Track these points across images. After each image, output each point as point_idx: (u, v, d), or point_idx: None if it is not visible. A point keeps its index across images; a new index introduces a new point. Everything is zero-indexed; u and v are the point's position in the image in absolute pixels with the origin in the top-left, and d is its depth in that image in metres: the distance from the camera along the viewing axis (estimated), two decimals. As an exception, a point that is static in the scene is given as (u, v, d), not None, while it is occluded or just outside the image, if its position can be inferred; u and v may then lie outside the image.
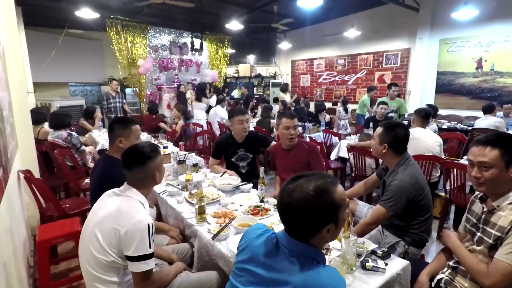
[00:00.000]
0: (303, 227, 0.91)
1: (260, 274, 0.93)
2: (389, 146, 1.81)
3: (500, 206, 1.24)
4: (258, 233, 1.03)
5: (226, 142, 2.77)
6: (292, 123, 2.38)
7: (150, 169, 1.42)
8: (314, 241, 0.93)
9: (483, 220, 1.30)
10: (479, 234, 1.30)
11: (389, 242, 1.83)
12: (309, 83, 9.90)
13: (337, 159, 4.33)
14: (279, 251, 0.94)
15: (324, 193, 0.89)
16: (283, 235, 0.96)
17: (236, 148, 2.75)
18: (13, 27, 2.75)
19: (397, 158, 1.82)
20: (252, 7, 6.98)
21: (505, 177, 1.21)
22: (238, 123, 2.64)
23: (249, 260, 0.97)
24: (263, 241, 0.99)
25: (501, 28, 5.84)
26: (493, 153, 1.21)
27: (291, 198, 0.90)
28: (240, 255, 1.03)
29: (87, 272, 1.29)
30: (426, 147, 3.17)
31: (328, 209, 0.89)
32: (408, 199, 1.68)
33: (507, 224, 1.18)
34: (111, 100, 6.33)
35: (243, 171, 2.77)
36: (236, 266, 1.02)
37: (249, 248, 1.00)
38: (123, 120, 1.98)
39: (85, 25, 7.01)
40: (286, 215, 0.93)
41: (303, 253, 0.91)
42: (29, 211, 2.84)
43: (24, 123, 2.83)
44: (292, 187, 0.92)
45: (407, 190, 1.68)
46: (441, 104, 6.46)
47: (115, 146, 1.90)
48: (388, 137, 1.81)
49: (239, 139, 2.74)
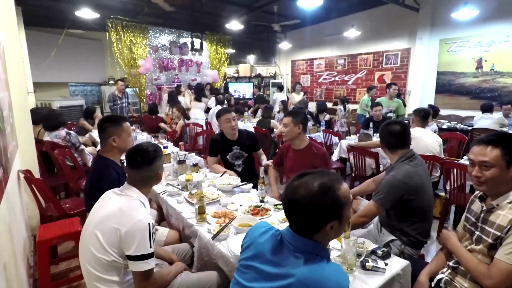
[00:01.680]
0: (307, 223, 0.92)
1: (265, 270, 0.94)
2: (383, 144, 1.87)
3: (499, 205, 1.24)
4: (262, 230, 1.04)
5: (220, 139, 2.82)
6: (283, 121, 2.40)
7: (156, 168, 1.46)
8: (318, 237, 0.94)
9: (482, 219, 1.30)
10: (478, 233, 1.30)
11: (385, 240, 1.82)
12: (309, 83, 9.89)
13: (337, 159, 4.33)
14: (283, 248, 0.95)
15: (329, 190, 0.91)
16: (287, 231, 0.98)
17: (230, 145, 2.79)
18: (13, 27, 2.74)
19: (395, 155, 1.82)
20: (252, 7, 6.98)
21: (506, 177, 1.21)
22: (226, 121, 2.70)
23: (254, 257, 0.99)
24: (268, 238, 1.00)
25: (501, 28, 5.84)
26: (494, 153, 1.21)
27: (296, 195, 0.92)
28: (244, 253, 1.04)
29: (88, 272, 1.30)
30: (426, 147, 3.17)
31: (332, 205, 0.90)
32: (397, 196, 1.67)
33: (507, 223, 1.18)
34: (118, 101, 6.17)
35: (239, 169, 2.79)
36: (240, 263, 1.03)
37: (253, 245, 1.02)
38: (113, 118, 1.93)
39: (85, 25, 7.01)
40: (291, 211, 0.95)
41: (307, 249, 0.92)
42: (29, 211, 2.84)
43: (24, 123, 2.83)
44: (297, 183, 0.94)
45: (396, 186, 1.67)
46: (441, 104, 6.45)
47: (108, 146, 1.86)
48: (382, 136, 1.89)
49: (230, 137, 2.78)
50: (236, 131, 2.77)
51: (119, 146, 1.86)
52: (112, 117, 1.96)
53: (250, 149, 2.89)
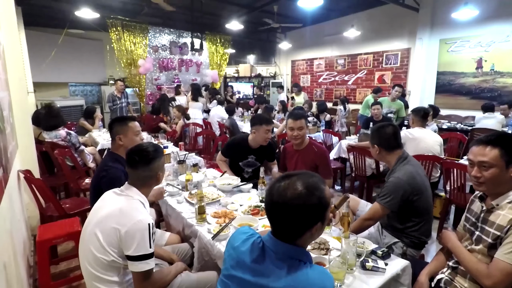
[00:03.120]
0: (293, 227, 0.90)
1: (247, 280, 0.92)
2: (379, 146, 1.87)
3: (499, 205, 1.24)
4: (243, 237, 1.01)
5: (240, 145, 2.70)
6: (296, 125, 2.33)
7: (155, 168, 1.44)
8: (301, 242, 0.93)
9: (482, 219, 1.30)
10: (477, 233, 1.30)
11: (387, 242, 1.83)
12: (309, 83, 9.90)
13: (337, 159, 4.33)
14: (265, 256, 0.93)
15: (316, 190, 0.90)
16: (269, 238, 0.95)
17: (247, 154, 2.69)
18: (13, 27, 2.74)
19: (393, 156, 1.84)
20: (252, 7, 6.98)
21: (505, 177, 1.22)
22: (265, 132, 2.56)
23: (235, 267, 0.96)
24: (249, 246, 0.97)
25: (501, 28, 5.84)
26: (493, 153, 1.21)
27: (284, 197, 0.89)
28: (226, 262, 1.01)
29: (87, 272, 1.30)
30: (426, 147, 3.17)
31: (320, 206, 0.90)
32: (404, 197, 1.68)
33: (506, 223, 1.18)
34: (117, 101, 6.16)
35: (246, 176, 2.74)
36: (223, 273, 1.00)
37: (235, 254, 0.98)
38: (120, 118, 2.10)
39: (85, 25, 7.00)
40: (277, 214, 0.92)
41: (290, 255, 0.91)
42: (29, 211, 2.84)
43: (24, 123, 2.83)
44: (283, 185, 0.91)
45: (403, 187, 1.68)
46: (441, 104, 6.45)
47: (116, 144, 1.99)
48: (376, 138, 1.88)
49: (254, 145, 2.66)
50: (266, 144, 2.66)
51: (125, 144, 1.95)
52: (120, 117, 2.13)
53: (265, 159, 2.81)
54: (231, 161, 2.77)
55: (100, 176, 1.84)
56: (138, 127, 2.05)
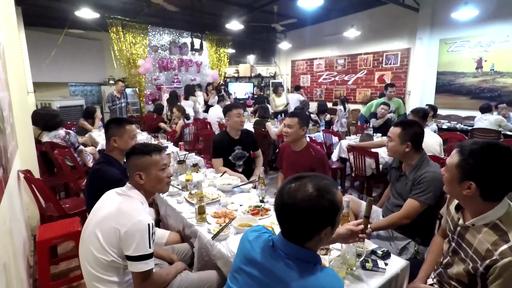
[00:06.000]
0: (303, 229, 0.90)
1: (257, 277, 0.92)
2: (412, 144, 1.82)
3: (475, 225, 1.18)
4: (255, 235, 1.03)
5: (223, 139, 2.80)
6: (286, 121, 2.39)
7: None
8: (310, 244, 0.92)
9: (458, 233, 1.26)
10: (454, 246, 1.27)
11: (400, 244, 1.81)
12: (309, 83, 9.89)
13: (337, 159, 4.33)
14: (275, 254, 0.93)
15: (327, 193, 0.89)
16: (279, 238, 0.95)
17: (233, 145, 2.77)
18: (13, 27, 2.74)
19: (418, 154, 1.84)
20: (252, 7, 6.97)
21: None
22: (236, 116, 2.68)
23: (246, 263, 0.97)
24: (261, 244, 0.98)
25: (501, 28, 5.84)
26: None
27: (294, 199, 0.88)
28: (237, 258, 1.03)
29: (87, 272, 1.30)
30: (426, 147, 3.13)
31: (330, 209, 0.89)
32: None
33: (484, 251, 1.11)
34: (117, 101, 6.17)
35: (239, 170, 2.79)
36: (234, 268, 1.02)
37: (246, 251, 1.00)
38: (117, 120, 2.06)
39: (85, 25, 7.00)
40: (287, 216, 0.91)
41: (299, 257, 0.91)
42: (29, 211, 2.83)
43: (24, 123, 2.83)
44: (294, 187, 0.90)
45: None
46: (441, 104, 6.45)
47: (110, 145, 1.97)
48: (410, 135, 1.82)
49: (234, 135, 2.77)
50: (243, 127, 2.78)
51: (120, 146, 1.93)
52: (117, 119, 2.08)
53: (250, 149, 2.90)
54: (222, 160, 2.82)
55: (91, 178, 1.85)
56: (135, 130, 2.04)
